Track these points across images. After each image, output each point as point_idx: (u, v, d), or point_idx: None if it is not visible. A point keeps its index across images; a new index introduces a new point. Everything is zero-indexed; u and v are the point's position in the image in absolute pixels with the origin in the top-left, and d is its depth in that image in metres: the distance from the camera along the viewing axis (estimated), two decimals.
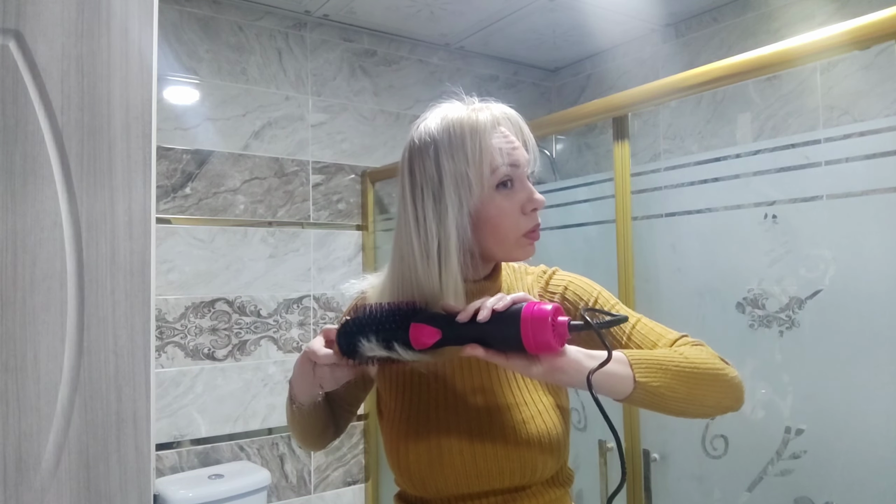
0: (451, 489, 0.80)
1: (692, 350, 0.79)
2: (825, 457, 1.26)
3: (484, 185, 0.78)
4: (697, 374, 0.75)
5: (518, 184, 0.80)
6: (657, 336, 0.83)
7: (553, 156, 2.92)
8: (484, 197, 0.78)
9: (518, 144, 0.81)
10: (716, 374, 0.77)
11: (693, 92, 1.39)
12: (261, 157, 2.26)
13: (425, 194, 0.78)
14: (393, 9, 2.30)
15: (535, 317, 0.68)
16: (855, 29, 1.09)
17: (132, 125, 0.80)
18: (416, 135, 0.81)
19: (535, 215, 0.81)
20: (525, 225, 0.80)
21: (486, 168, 0.77)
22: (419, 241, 0.78)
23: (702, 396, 0.76)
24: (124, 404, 0.78)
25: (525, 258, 0.84)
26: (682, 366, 0.75)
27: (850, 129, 1.26)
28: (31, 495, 0.72)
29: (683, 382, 0.74)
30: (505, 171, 0.79)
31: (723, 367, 0.79)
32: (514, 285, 0.89)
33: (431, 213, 0.77)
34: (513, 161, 0.79)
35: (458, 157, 0.77)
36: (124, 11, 0.80)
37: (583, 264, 1.83)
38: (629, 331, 0.83)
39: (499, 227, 0.79)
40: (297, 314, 2.30)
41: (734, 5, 2.25)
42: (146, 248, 0.80)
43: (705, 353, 0.80)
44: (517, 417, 0.81)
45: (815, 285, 1.28)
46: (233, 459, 2.14)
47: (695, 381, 0.75)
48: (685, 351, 0.78)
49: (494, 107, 0.83)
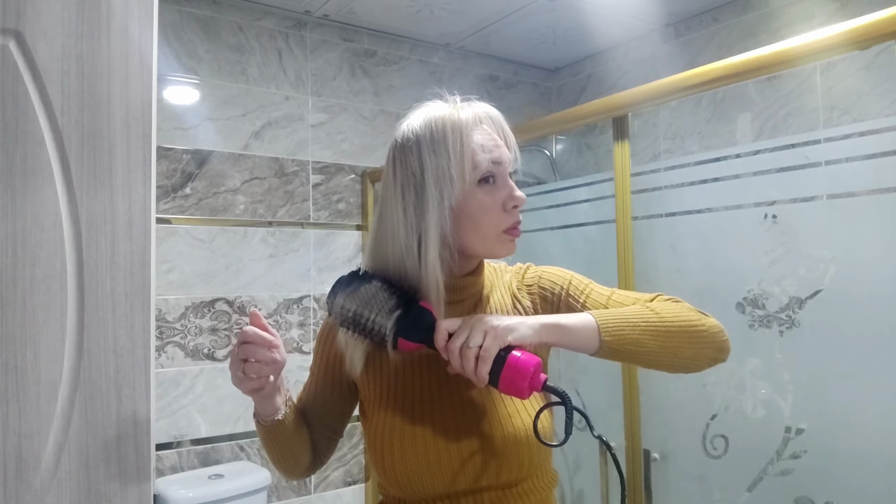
0: (437, 487, 0.80)
1: (665, 304, 0.82)
2: (825, 457, 1.26)
3: (465, 181, 0.79)
4: (668, 328, 0.78)
5: (500, 180, 0.82)
6: (633, 300, 0.85)
7: (553, 156, 2.92)
8: (465, 192, 0.79)
9: (500, 143, 0.83)
10: (690, 326, 0.79)
11: (693, 92, 1.39)
12: (261, 157, 2.26)
13: (406, 190, 0.80)
14: (393, 9, 2.30)
15: (519, 366, 0.72)
16: (855, 29, 1.09)
17: (132, 125, 0.80)
18: (399, 133, 0.84)
19: (515, 212, 0.82)
20: (506, 221, 0.82)
21: (468, 164, 0.79)
22: (403, 235, 0.79)
23: (675, 349, 0.79)
24: (124, 404, 0.78)
25: (506, 254, 0.85)
26: (652, 321, 0.78)
27: (850, 129, 1.26)
28: (31, 495, 0.72)
29: (653, 337, 0.77)
30: (486, 167, 0.80)
31: (697, 318, 0.81)
32: (496, 283, 0.92)
33: (412, 208, 0.79)
34: (494, 158, 0.81)
35: (440, 152, 0.78)
36: (124, 11, 0.80)
37: (583, 264, 1.83)
38: (605, 302, 0.85)
39: (480, 222, 0.81)
40: (297, 314, 2.30)
41: (734, 5, 2.25)
42: (146, 248, 0.80)
43: (679, 307, 0.82)
44: (502, 412, 0.81)
45: (815, 285, 1.28)
46: (233, 459, 2.14)
47: (666, 335, 0.78)
48: (657, 306, 0.81)
49: (477, 105, 0.84)
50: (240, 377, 0.78)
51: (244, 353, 0.77)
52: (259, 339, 0.76)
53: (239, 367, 0.77)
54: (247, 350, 0.77)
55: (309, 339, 2.32)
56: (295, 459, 0.90)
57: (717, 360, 0.83)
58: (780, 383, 1.33)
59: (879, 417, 1.18)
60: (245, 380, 0.78)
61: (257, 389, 0.80)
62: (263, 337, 0.77)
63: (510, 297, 0.90)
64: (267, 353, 0.77)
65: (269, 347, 0.77)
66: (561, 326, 0.76)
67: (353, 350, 0.84)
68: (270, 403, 0.83)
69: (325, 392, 0.93)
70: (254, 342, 0.76)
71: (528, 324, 0.75)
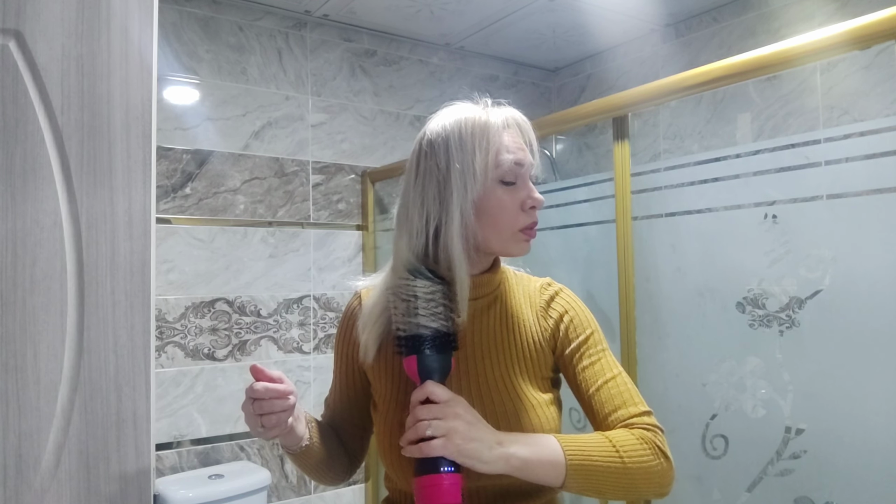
0: None
1: (630, 448, 0.78)
2: (825, 457, 1.26)
3: (488, 177, 0.82)
4: (630, 478, 0.77)
5: (520, 182, 0.84)
6: (621, 402, 0.83)
7: (553, 156, 2.92)
8: (487, 189, 0.82)
9: (524, 147, 0.86)
10: (646, 474, 0.78)
11: (693, 92, 1.39)
12: (261, 157, 2.26)
13: (428, 182, 0.83)
14: (393, 9, 2.30)
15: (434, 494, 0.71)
16: (855, 29, 1.09)
17: (132, 125, 0.80)
18: (428, 128, 0.86)
19: (533, 213, 0.85)
20: (523, 221, 0.84)
21: (492, 162, 0.82)
22: (420, 221, 0.82)
23: (627, 493, 0.78)
24: (124, 404, 0.78)
25: (520, 253, 0.87)
26: (618, 470, 0.76)
27: (850, 129, 1.26)
28: (31, 495, 0.72)
29: (613, 486, 0.77)
30: (509, 167, 0.83)
31: (650, 464, 0.78)
32: (514, 289, 0.92)
33: (433, 198, 0.82)
34: (518, 160, 0.83)
35: (466, 148, 0.81)
36: (124, 11, 0.80)
37: (583, 264, 1.83)
38: (600, 383, 0.84)
39: (497, 219, 0.83)
40: (297, 314, 2.30)
41: (734, 5, 2.25)
42: (146, 248, 0.80)
43: (643, 451, 0.79)
44: (510, 408, 0.82)
45: (815, 285, 1.28)
46: (233, 459, 2.14)
47: (626, 487, 0.77)
48: (627, 453, 0.77)
49: (507, 110, 0.87)
50: (260, 431, 0.78)
51: (259, 409, 0.76)
52: (270, 394, 0.76)
53: (257, 423, 0.77)
54: (262, 406, 0.76)
55: (309, 339, 2.32)
56: (333, 472, 0.92)
57: (659, 496, 0.82)
58: (780, 383, 1.33)
59: (879, 417, 1.18)
60: (265, 431, 0.78)
61: (279, 433, 0.80)
62: (275, 389, 0.76)
63: (533, 312, 0.90)
64: (281, 404, 0.76)
65: (281, 397, 0.76)
66: (526, 464, 0.74)
67: (369, 336, 0.86)
68: (294, 436, 0.83)
69: (348, 387, 0.94)
70: (265, 398, 0.76)
71: (490, 454, 0.73)
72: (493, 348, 0.86)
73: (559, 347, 0.88)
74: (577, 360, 0.86)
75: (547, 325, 0.89)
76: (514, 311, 0.89)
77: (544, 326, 0.89)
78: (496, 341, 0.86)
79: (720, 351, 1.45)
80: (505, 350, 0.86)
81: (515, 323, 0.88)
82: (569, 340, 0.87)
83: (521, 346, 0.86)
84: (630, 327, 1.55)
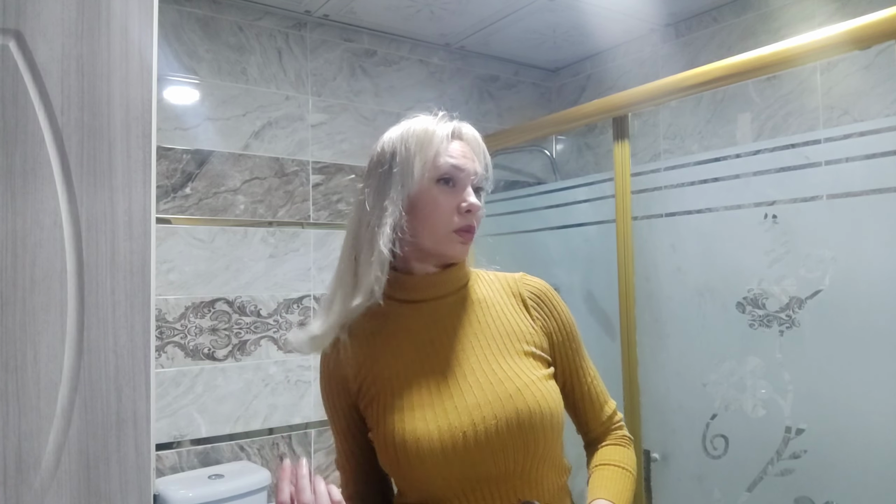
0: (453, 480, 0.80)
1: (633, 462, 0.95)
2: (825, 457, 1.26)
3: (425, 177, 0.85)
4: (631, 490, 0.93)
5: (459, 185, 0.87)
6: (604, 400, 0.96)
7: (553, 156, 2.92)
8: (422, 187, 0.85)
9: (472, 157, 0.88)
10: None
11: (693, 92, 1.39)
12: (261, 157, 2.26)
13: (374, 183, 0.87)
14: (393, 9, 2.30)
15: None
16: (855, 29, 1.09)
17: (132, 125, 0.80)
18: (382, 137, 0.91)
19: (469, 217, 0.86)
20: (458, 223, 0.86)
21: (430, 163, 0.85)
22: (362, 215, 0.87)
23: None
24: (124, 404, 0.78)
25: (457, 256, 0.89)
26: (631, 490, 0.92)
27: (850, 129, 1.26)
28: (31, 495, 0.72)
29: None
30: (447, 168, 0.85)
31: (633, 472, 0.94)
32: (491, 283, 0.94)
33: (374, 193, 0.86)
34: (457, 164, 0.86)
35: (409, 148, 0.86)
36: (124, 11, 0.80)
37: (583, 264, 1.83)
38: (588, 383, 0.94)
39: (430, 217, 0.86)
40: (297, 314, 2.30)
41: (734, 5, 2.25)
42: (146, 248, 0.80)
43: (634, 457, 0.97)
44: (511, 389, 0.83)
45: (815, 285, 1.28)
46: (233, 459, 2.14)
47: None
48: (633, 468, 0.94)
49: (459, 123, 0.90)
50: None
51: None
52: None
53: None
54: None
55: None
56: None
57: None
58: (780, 383, 1.33)
59: (879, 417, 1.18)
60: None
61: None
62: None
63: (515, 300, 0.92)
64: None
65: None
66: None
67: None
68: None
69: (354, 437, 0.92)
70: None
71: None
72: (479, 338, 0.87)
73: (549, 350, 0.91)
74: (567, 361, 0.92)
75: (538, 316, 0.92)
76: (492, 300, 0.91)
77: (535, 317, 0.92)
78: (481, 330, 0.88)
79: (720, 351, 1.45)
80: (490, 337, 0.88)
81: (496, 310, 0.90)
82: (557, 335, 0.92)
83: (506, 330, 0.89)
84: (630, 327, 1.55)
